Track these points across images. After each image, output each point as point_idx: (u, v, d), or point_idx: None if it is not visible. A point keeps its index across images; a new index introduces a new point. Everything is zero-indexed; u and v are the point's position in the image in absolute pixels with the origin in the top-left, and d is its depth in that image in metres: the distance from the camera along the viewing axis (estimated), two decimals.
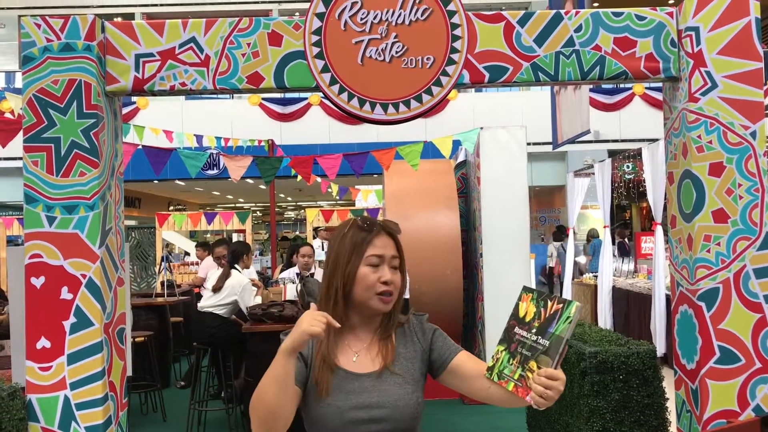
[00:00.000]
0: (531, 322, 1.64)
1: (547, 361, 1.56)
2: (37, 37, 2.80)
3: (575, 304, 1.58)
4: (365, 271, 1.72)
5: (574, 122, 6.74)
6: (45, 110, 2.79)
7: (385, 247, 1.75)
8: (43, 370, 2.74)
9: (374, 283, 1.71)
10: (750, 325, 2.82)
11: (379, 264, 1.73)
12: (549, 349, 1.57)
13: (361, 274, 1.72)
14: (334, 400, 1.65)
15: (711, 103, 2.85)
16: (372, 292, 1.72)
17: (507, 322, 1.70)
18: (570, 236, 10.44)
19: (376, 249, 1.73)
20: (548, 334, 1.59)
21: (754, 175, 2.85)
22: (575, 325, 1.58)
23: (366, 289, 1.72)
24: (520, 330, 1.66)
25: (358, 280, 1.72)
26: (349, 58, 2.91)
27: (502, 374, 1.65)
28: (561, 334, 1.56)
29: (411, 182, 7.35)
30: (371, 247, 1.73)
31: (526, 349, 1.62)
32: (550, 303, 1.63)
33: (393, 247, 1.77)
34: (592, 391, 3.17)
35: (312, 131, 14.25)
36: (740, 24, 2.85)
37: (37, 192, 2.79)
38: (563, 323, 1.57)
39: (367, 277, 1.71)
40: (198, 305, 6.03)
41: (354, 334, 1.77)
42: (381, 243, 1.75)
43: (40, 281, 2.76)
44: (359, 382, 1.69)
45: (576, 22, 2.93)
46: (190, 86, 2.92)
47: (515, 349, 1.65)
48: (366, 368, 1.72)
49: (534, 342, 1.61)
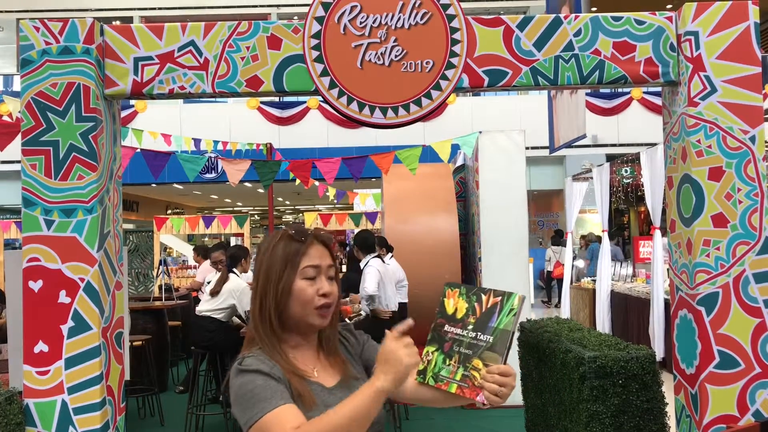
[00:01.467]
0: (464, 318, 1.54)
1: (494, 358, 1.48)
2: (35, 40, 2.80)
3: (517, 296, 1.50)
4: (302, 285, 1.57)
5: (570, 127, 6.74)
6: (43, 113, 2.78)
7: (321, 256, 1.61)
8: (41, 374, 2.73)
9: (312, 297, 1.57)
10: (749, 329, 2.82)
11: (315, 276, 1.59)
12: (494, 345, 1.48)
13: (297, 288, 1.57)
14: (319, 414, 1.50)
15: (710, 108, 2.85)
16: (310, 308, 1.58)
17: (434, 321, 1.59)
18: (568, 240, 10.45)
19: (311, 259, 1.59)
20: (489, 329, 1.50)
21: (753, 180, 2.84)
22: (519, 318, 1.49)
23: (303, 305, 1.57)
24: (452, 328, 1.55)
25: (294, 295, 1.57)
26: (348, 62, 2.91)
27: (438, 377, 1.54)
28: (506, 328, 1.48)
29: (410, 186, 7.35)
30: (306, 257, 1.59)
31: (464, 347, 1.52)
32: (485, 297, 1.53)
33: (328, 256, 1.63)
34: (591, 396, 3.16)
35: (310, 135, 14.25)
36: (739, 28, 2.86)
37: (35, 195, 2.78)
38: (506, 316, 1.49)
39: (304, 292, 1.57)
40: (196, 309, 6.02)
41: (302, 352, 1.63)
42: (316, 253, 1.60)
43: (38, 285, 2.75)
44: (332, 395, 1.57)
45: (575, 26, 2.93)
46: (189, 90, 2.91)
47: (450, 348, 1.54)
48: (329, 382, 1.61)
49: (473, 339, 1.51)
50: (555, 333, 3.80)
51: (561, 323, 4.14)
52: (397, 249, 6.70)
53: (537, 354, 3.99)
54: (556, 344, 3.63)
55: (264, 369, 1.51)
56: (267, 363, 1.53)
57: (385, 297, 5.97)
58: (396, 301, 6.18)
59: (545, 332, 3.92)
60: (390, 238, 6.78)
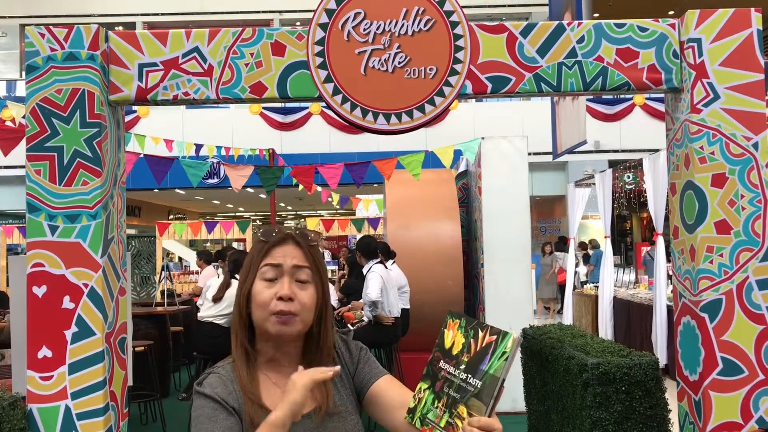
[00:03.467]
0: (459, 355, 1.36)
1: (479, 408, 1.28)
2: (41, 46, 2.81)
3: (512, 337, 1.30)
4: (258, 287, 1.41)
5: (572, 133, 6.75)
6: (48, 119, 2.79)
7: (285, 255, 1.42)
8: (44, 379, 2.73)
9: (268, 299, 1.39)
10: (753, 336, 2.81)
11: (276, 277, 1.41)
12: (481, 392, 1.29)
13: (254, 291, 1.41)
14: None
15: (713, 115, 2.85)
16: (266, 312, 1.39)
17: (432, 353, 1.43)
18: (571, 246, 10.44)
19: (272, 258, 1.42)
20: (480, 372, 1.30)
21: (756, 187, 2.84)
22: (512, 363, 1.29)
23: (260, 308, 1.40)
24: (446, 365, 1.38)
25: (253, 298, 1.41)
26: (352, 69, 2.92)
27: (425, 419, 1.36)
28: (495, 374, 1.29)
29: (412, 192, 7.36)
30: (267, 257, 1.43)
31: (453, 389, 1.34)
32: (481, 333, 1.35)
33: (300, 257, 1.43)
34: (594, 403, 3.16)
35: (313, 140, 14.28)
36: (742, 36, 2.86)
37: (39, 201, 2.79)
38: (498, 360, 1.29)
39: (260, 294, 1.40)
40: (198, 315, 6.02)
41: (277, 368, 1.46)
42: (280, 252, 1.43)
43: (42, 290, 2.76)
44: (296, 426, 1.35)
45: (578, 33, 2.93)
46: (194, 96, 2.92)
47: (441, 388, 1.36)
48: None
49: (463, 381, 1.32)
50: (558, 339, 3.80)
51: (564, 329, 4.13)
52: (399, 255, 6.70)
53: (540, 360, 3.99)
54: (558, 350, 3.63)
55: (218, 395, 1.38)
56: (226, 386, 1.41)
57: (387, 303, 5.97)
58: (398, 307, 6.19)
59: (548, 338, 3.91)
60: (392, 244, 6.78)
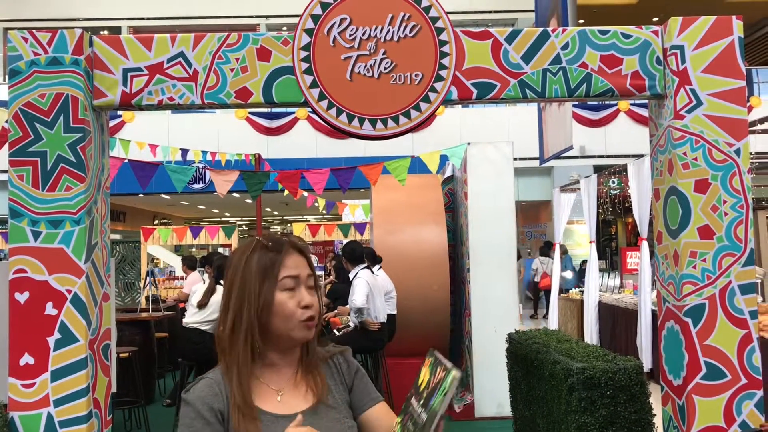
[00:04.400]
0: (422, 391, 1.41)
1: None
2: (24, 50, 2.79)
3: (452, 375, 1.33)
4: (282, 298, 1.47)
5: (558, 138, 6.79)
6: (31, 124, 2.77)
7: (299, 266, 1.51)
8: (26, 387, 2.71)
9: (294, 310, 1.47)
10: (736, 340, 2.84)
11: (294, 287, 1.49)
12: (425, 427, 1.33)
13: (277, 302, 1.47)
14: None
15: (696, 121, 2.88)
16: (294, 321, 1.48)
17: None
18: (556, 251, 10.49)
19: (289, 270, 1.49)
20: (428, 407, 1.36)
21: (738, 192, 2.87)
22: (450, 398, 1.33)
23: (286, 319, 1.48)
24: (413, 400, 1.44)
25: (275, 309, 1.47)
26: (337, 74, 2.92)
27: None
28: (434, 409, 1.33)
29: (398, 197, 7.36)
30: (284, 268, 1.49)
31: (412, 423, 1.39)
32: (439, 369, 1.39)
33: (306, 266, 1.53)
34: (579, 407, 3.17)
35: (299, 145, 14.25)
36: (724, 43, 2.89)
37: (22, 206, 2.76)
38: (440, 396, 1.33)
39: (284, 305, 1.47)
40: (183, 321, 5.99)
41: (274, 370, 1.52)
42: (293, 262, 1.50)
43: (24, 296, 2.73)
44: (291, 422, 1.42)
45: (563, 39, 2.95)
46: (178, 101, 2.91)
47: (406, 422, 1.43)
48: (296, 407, 1.48)
49: (418, 416, 1.38)
50: (543, 344, 3.81)
51: (549, 334, 4.15)
52: (385, 260, 6.70)
53: (525, 365, 4.00)
54: (544, 355, 3.64)
55: (203, 400, 1.44)
56: (212, 389, 1.46)
57: (374, 308, 5.97)
58: (385, 313, 6.18)
59: (534, 343, 3.93)
60: (379, 249, 6.78)
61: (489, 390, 6.33)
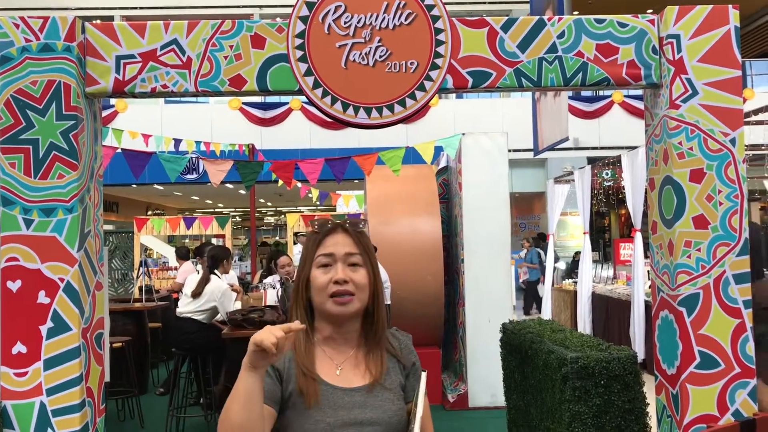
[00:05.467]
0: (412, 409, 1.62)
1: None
2: (15, 37, 2.76)
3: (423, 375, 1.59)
4: (315, 274, 1.61)
5: (553, 129, 6.79)
6: (23, 111, 2.75)
7: (337, 244, 1.62)
8: (19, 375, 2.69)
9: (325, 284, 1.59)
10: (729, 330, 2.84)
11: (329, 263, 1.61)
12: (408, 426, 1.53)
13: (312, 276, 1.61)
14: (323, 416, 1.52)
15: (692, 110, 2.88)
16: (324, 295, 1.59)
17: None
18: (550, 243, 10.50)
19: (325, 248, 1.62)
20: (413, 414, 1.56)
21: (733, 182, 2.87)
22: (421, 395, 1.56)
23: (318, 292, 1.60)
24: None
25: (312, 284, 1.61)
26: (332, 62, 2.90)
27: None
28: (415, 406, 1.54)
29: (393, 188, 7.35)
30: (321, 247, 1.63)
31: None
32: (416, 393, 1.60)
33: (350, 244, 1.63)
34: (573, 397, 3.17)
35: (293, 136, 14.21)
36: (720, 32, 2.88)
37: (14, 194, 2.74)
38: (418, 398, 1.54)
39: (317, 279, 1.60)
40: (176, 311, 5.97)
41: (333, 346, 1.64)
42: (332, 241, 1.63)
43: (17, 285, 2.71)
44: (349, 396, 1.56)
45: (559, 28, 2.94)
46: (172, 88, 2.88)
47: None
48: (353, 382, 1.59)
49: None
50: (537, 334, 3.82)
51: (543, 324, 4.15)
52: (380, 251, 6.69)
53: (519, 355, 4.00)
54: (538, 345, 3.64)
55: None
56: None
57: None
58: None
59: (528, 333, 3.93)
60: (373, 240, 6.74)
61: (482, 380, 6.35)
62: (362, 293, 1.60)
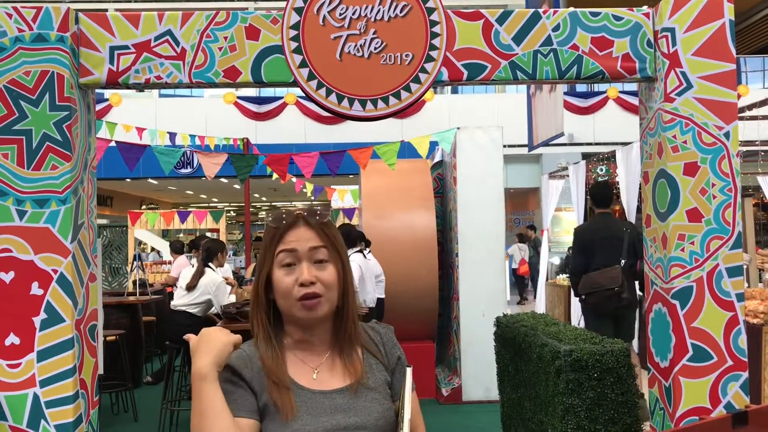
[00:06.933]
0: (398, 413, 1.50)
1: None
2: (8, 26, 2.74)
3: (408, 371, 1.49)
4: (278, 275, 1.43)
5: (548, 125, 6.79)
6: (16, 102, 2.73)
7: (300, 239, 1.44)
8: (12, 367, 2.68)
9: (291, 287, 1.42)
10: (722, 323, 2.85)
11: (293, 262, 1.43)
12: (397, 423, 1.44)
13: (275, 278, 1.44)
14: (303, 425, 1.37)
15: (686, 104, 2.88)
16: (292, 300, 1.42)
17: None
18: (544, 238, 10.52)
19: (286, 244, 1.44)
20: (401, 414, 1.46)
21: (727, 175, 2.88)
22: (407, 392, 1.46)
23: (284, 297, 1.43)
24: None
25: (275, 286, 1.44)
26: (327, 54, 2.89)
27: None
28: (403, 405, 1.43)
29: (388, 182, 7.35)
30: (281, 243, 1.44)
31: None
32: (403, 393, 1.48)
33: (314, 238, 1.44)
34: (566, 389, 3.18)
35: (288, 131, 14.19)
36: (715, 25, 2.89)
37: (7, 185, 2.73)
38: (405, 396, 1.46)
39: (280, 282, 1.43)
40: (171, 304, 5.96)
41: (306, 348, 1.49)
42: (294, 236, 1.44)
43: (10, 276, 2.70)
44: (329, 400, 1.42)
45: (554, 21, 2.94)
46: (166, 79, 2.87)
47: None
48: (333, 384, 1.45)
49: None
50: (531, 327, 3.83)
51: (537, 318, 4.16)
52: (374, 245, 6.70)
53: (513, 348, 4.01)
54: (532, 338, 3.65)
55: (232, 372, 1.44)
56: (243, 359, 1.46)
57: (363, 292, 5.97)
58: (374, 297, 6.19)
59: (521, 326, 3.94)
60: (368, 234, 6.77)
61: (476, 374, 6.36)
62: (331, 292, 1.45)
